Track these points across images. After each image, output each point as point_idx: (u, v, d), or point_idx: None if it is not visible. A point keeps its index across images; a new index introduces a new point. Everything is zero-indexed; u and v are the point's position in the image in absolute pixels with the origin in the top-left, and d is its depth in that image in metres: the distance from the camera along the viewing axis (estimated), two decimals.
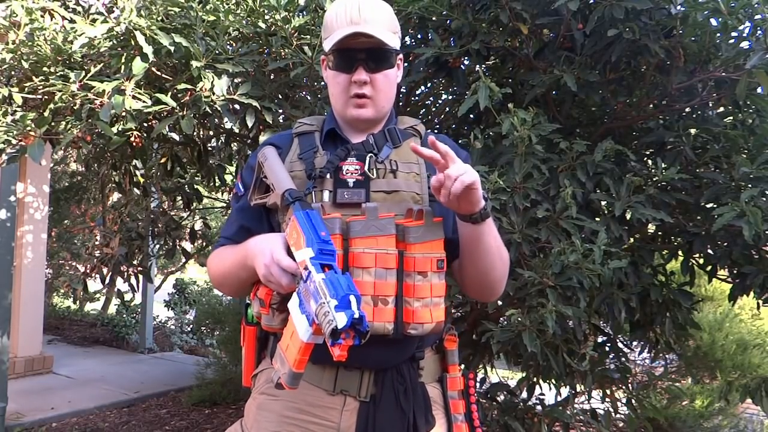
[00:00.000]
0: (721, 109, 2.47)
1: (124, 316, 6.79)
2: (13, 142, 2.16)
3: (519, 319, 2.07)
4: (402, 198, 1.18)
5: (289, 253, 1.05)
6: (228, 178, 3.66)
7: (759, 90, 2.16)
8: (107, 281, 5.04)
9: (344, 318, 0.86)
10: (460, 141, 2.23)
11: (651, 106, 2.52)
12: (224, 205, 4.27)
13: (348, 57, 1.19)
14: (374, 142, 1.22)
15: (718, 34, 2.11)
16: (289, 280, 1.03)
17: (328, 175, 1.18)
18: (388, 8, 1.23)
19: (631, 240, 2.51)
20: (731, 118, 2.46)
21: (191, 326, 7.06)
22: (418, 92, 3.14)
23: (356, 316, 0.87)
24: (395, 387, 1.16)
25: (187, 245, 4.30)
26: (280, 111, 2.49)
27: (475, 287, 1.27)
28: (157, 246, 4.05)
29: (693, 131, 2.31)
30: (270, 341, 1.27)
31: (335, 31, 1.18)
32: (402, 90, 2.80)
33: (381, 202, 1.16)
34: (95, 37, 2.11)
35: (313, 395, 1.17)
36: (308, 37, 2.23)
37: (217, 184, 3.62)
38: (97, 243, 4.69)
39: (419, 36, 2.62)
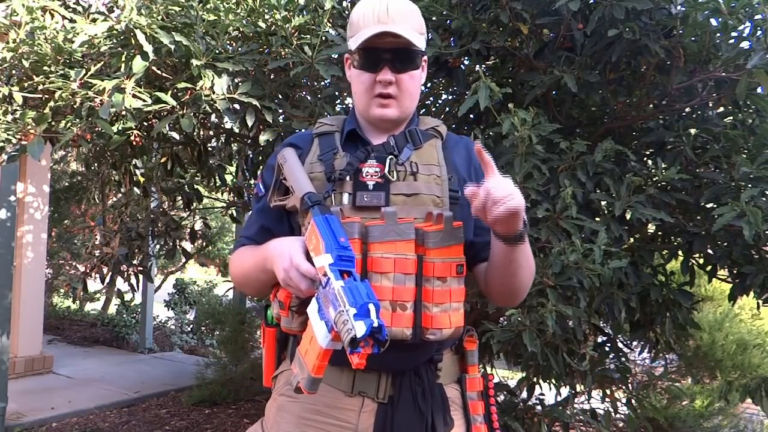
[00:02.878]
0: (721, 109, 2.47)
1: (124, 316, 6.78)
2: (13, 140, 2.16)
3: (519, 319, 2.07)
4: (422, 201, 1.16)
5: (309, 258, 1.04)
6: (228, 178, 3.66)
7: (759, 90, 2.16)
8: (107, 281, 5.04)
9: (363, 327, 0.86)
10: None
11: (651, 106, 2.52)
12: (224, 205, 4.26)
13: (374, 56, 1.17)
14: (395, 143, 1.20)
15: (718, 34, 2.11)
16: (308, 285, 1.02)
17: (347, 178, 1.16)
18: (416, 9, 1.21)
19: (631, 240, 2.51)
20: (731, 118, 2.46)
21: (191, 326, 7.06)
22: None
23: (375, 324, 0.87)
24: (413, 388, 1.15)
25: (187, 245, 4.30)
26: (280, 110, 2.49)
27: (500, 297, 1.26)
28: (157, 246, 4.05)
29: (693, 131, 2.31)
30: (289, 342, 1.26)
31: (362, 29, 1.16)
32: None
33: (401, 206, 1.14)
34: (95, 35, 2.11)
35: (332, 397, 1.16)
36: (308, 36, 2.23)
37: (217, 184, 3.62)
38: (97, 243, 4.70)
39: None
